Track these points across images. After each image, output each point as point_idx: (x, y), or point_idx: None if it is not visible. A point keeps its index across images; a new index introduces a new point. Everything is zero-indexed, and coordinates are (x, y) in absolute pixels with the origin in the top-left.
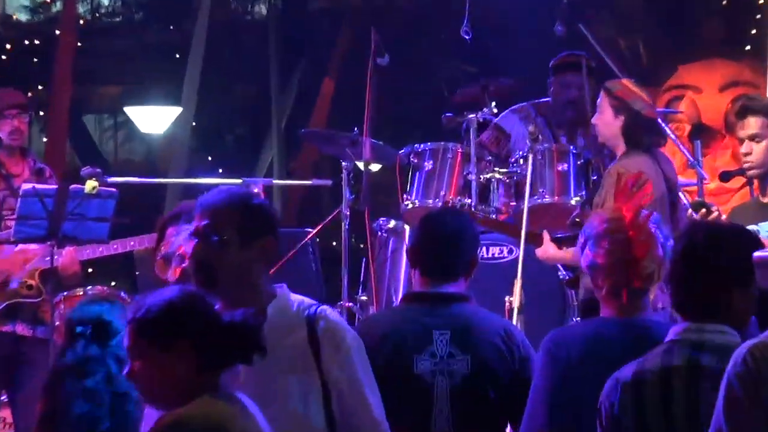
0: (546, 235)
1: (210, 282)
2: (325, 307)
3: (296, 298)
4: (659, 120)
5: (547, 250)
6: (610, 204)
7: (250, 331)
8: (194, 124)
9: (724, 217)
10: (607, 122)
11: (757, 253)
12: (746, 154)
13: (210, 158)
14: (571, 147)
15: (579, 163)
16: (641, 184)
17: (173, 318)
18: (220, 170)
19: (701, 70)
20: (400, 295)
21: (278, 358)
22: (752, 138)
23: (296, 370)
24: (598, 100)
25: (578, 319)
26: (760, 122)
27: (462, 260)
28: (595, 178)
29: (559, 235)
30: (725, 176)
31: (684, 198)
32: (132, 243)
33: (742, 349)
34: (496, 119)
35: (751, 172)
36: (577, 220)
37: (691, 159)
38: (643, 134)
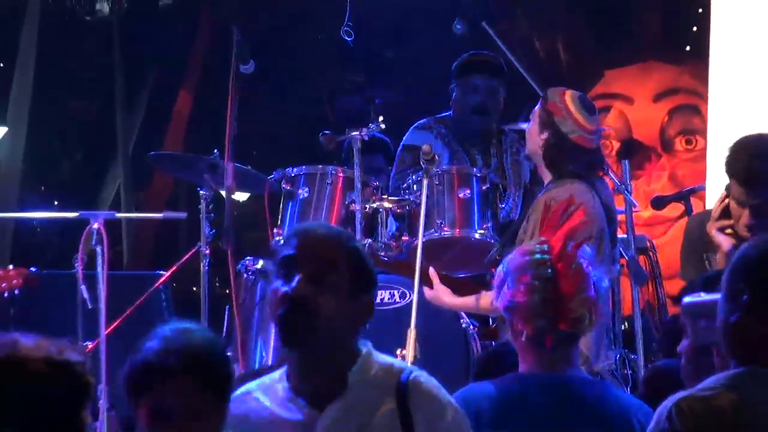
0: (434, 275)
1: (304, 334)
2: (419, 372)
3: (383, 358)
4: (597, 151)
5: (439, 295)
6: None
7: None
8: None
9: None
10: (531, 135)
11: (688, 299)
12: (750, 227)
13: (43, 188)
14: (474, 169)
15: (484, 188)
16: (571, 213)
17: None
18: (56, 202)
19: (632, 76)
20: (272, 350)
21: None
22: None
23: None
24: (537, 106)
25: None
26: None
27: None
28: (503, 206)
29: (461, 275)
30: (659, 202)
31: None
32: None
33: (668, 403)
34: (404, 141)
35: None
36: (497, 257)
37: (618, 183)
38: (565, 162)
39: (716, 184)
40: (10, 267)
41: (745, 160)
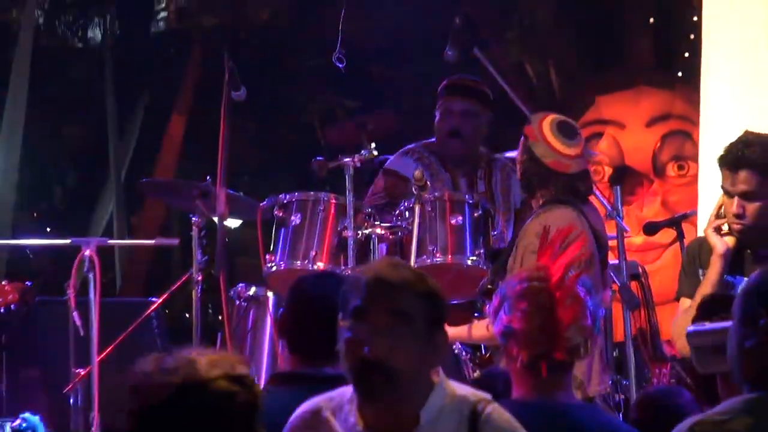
0: None
1: (382, 392)
2: (492, 406)
3: (456, 389)
4: (579, 176)
5: None
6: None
7: None
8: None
9: None
10: (518, 159)
11: (692, 328)
12: (738, 216)
13: (35, 214)
14: (467, 195)
15: (476, 214)
16: (571, 241)
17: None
18: (48, 229)
19: (624, 102)
20: (264, 376)
21: None
22: (745, 196)
23: None
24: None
25: None
26: (756, 179)
27: (333, 337)
28: (495, 233)
29: (453, 302)
30: (650, 228)
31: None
32: None
33: (682, 427)
34: (386, 164)
35: (740, 236)
36: (489, 286)
37: (609, 208)
38: (542, 186)
39: (708, 209)
40: (5, 282)
41: (734, 148)
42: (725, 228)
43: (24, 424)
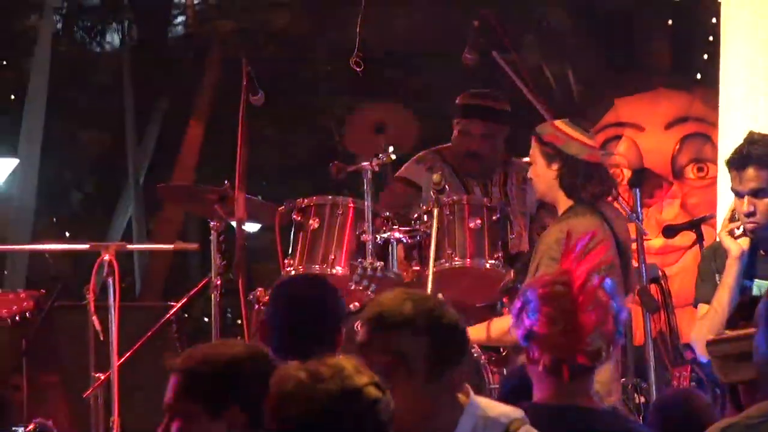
0: None
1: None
2: (526, 426)
3: (489, 408)
4: (604, 165)
5: None
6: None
7: None
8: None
9: None
10: (540, 173)
11: (711, 337)
12: (749, 214)
13: (55, 220)
14: (485, 199)
15: (494, 218)
16: (594, 246)
17: (232, 376)
18: (67, 234)
19: (643, 104)
20: None
21: None
22: (755, 193)
23: None
24: (531, 150)
25: None
26: (764, 174)
27: (322, 339)
28: (512, 236)
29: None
30: (670, 231)
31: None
32: None
33: (713, 429)
34: (398, 173)
35: (753, 235)
36: (510, 285)
37: (629, 211)
38: (583, 184)
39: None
40: (20, 290)
41: (740, 148)
42: (738, 231)
43: (37, 429)
